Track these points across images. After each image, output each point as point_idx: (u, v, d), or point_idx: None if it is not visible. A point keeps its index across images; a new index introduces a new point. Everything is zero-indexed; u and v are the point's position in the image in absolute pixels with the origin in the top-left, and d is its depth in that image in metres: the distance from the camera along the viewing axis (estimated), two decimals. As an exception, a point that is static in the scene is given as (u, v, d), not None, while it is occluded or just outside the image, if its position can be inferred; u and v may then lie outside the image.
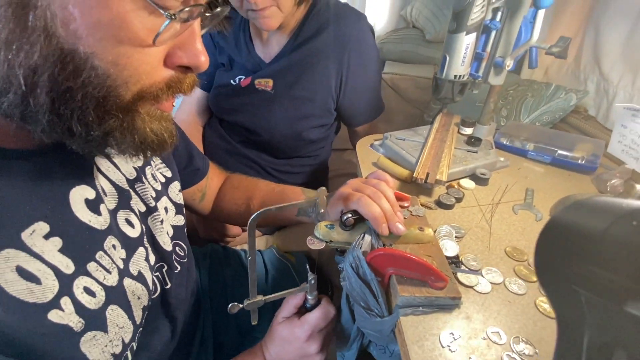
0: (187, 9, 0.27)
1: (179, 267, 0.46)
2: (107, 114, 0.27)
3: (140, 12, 0.25)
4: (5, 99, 0.25)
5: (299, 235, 0.91)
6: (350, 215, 0.43)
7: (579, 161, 0.65)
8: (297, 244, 0.87)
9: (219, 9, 0.30)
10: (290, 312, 0.47)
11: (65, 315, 0.29)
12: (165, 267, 0.44)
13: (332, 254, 0.84)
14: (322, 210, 0.42)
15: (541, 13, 0.56)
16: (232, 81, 0.82)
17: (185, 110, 0.92)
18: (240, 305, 0.42)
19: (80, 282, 0.31)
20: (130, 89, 0.28)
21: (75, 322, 0.30)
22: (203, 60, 0.30)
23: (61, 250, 0.30)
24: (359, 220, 0.44)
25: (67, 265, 0.30)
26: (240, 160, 0.87)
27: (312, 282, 0.45)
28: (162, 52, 0.29)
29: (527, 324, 0.38)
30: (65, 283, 0.30)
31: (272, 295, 0.44)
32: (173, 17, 0.26)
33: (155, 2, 0.25)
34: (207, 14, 0.30)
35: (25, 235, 0.28)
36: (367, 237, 0.43)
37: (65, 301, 0.29)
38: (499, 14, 0.57)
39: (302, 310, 0.48)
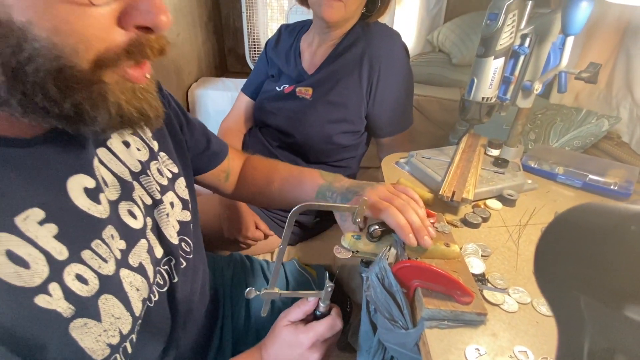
0: None
1: (184, 263, 0.46)
2: (69, 87, 0.26)
3: None
4: None
5: (321, 249, 0.92)
6: (377, 226, 0.44)
7: (612, 187, 0.64)
8: (319, 257, 0.89)
9: None
10: (297, 317, 0.47)
11: (53, 301, 0.29)
12: (173, 261, 0.44)
13: (352, 271, 0.84)
14: (359, 220, 0.43)
15: (570, 40, 0.57)
16: (277, 87, 0.91)
17: (233, 118, 1.01)
18: (257, 292, 0.43)
19: (72, 269, 0.30)
20: (84, 57, 0.26)
21: (64, 308, 0.29)
22: (163, 19, 0.27)
23: (57, 237, 0.30)
24: (386, 232, 0.45)
25: (60, 252, 0.30)
26: None
27: (329, 289, 0.45)
28: (112, 12, 0.26)
29: (556, 346, 0.37)
30: (56, 269, 0.29)
31: (288, 292, 0.45)
32: None
33: None
34: None
35: (18, 220, 0.28)
36: (393, 250, 0.44)
37: (54, 287, 0.29)
38: (528, 40, 0.58)
39: (310, 317, 0.47)
